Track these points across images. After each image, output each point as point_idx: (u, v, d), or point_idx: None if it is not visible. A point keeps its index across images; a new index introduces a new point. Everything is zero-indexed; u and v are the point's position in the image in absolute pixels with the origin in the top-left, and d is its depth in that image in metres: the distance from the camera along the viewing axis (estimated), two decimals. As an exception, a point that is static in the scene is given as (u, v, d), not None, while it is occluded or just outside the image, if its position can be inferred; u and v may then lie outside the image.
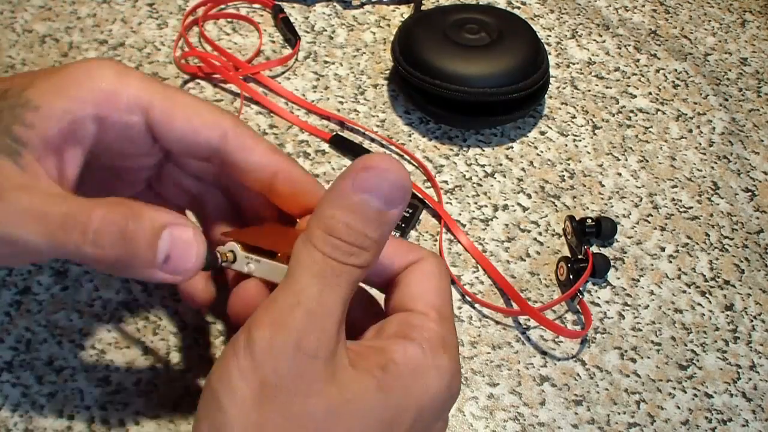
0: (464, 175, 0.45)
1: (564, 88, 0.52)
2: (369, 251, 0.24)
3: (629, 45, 0.56)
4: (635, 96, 0.52)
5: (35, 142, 0.25)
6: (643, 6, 0.59)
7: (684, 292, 0.42)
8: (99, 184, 0.30)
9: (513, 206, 0.44)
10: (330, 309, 0.24)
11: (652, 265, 0.43)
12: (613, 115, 0.51)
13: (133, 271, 0.24)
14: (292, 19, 0.52)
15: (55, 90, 0.26)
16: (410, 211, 0.42)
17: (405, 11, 0.55)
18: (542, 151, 0.48)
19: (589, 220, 0.42)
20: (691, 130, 0.51)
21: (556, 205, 0.45)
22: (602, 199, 0.46)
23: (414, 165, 0.46)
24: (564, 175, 0.46)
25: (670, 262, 0.43)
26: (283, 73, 0.50)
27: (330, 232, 0.24)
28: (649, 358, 0.39)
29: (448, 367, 0.26)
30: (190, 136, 0.28)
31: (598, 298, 0.41)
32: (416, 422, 0.25)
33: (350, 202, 0.23)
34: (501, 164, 0.46)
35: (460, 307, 0.39)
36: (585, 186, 0.46)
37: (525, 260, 0.42)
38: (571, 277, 0.40)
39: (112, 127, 0.27)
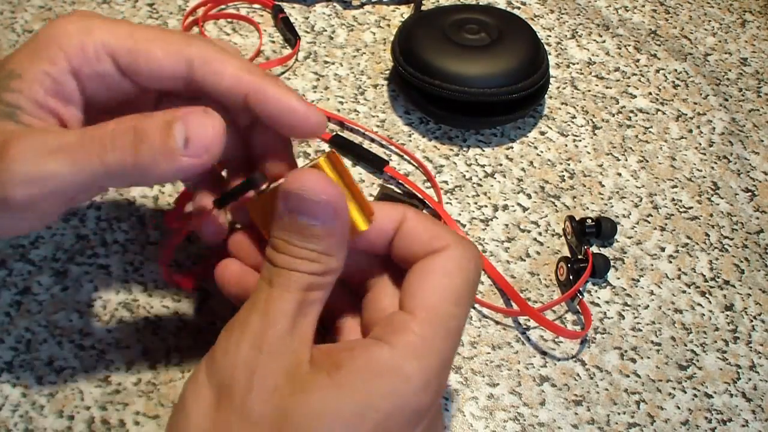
0: (464, 175, 0.45)
1: (564, 88, 0.52)
2: (318, 262, 0.25)
3: (629, 45, 0.56)
4: (635, 96, 0.52)
5: (28, 106, 0.26)
6: (643, 6, 0.59)
7: (684, 292, 0.42)
8: None
9: (513, 206, 0.44)
10: (282, 309, 0.25)
11: (652, 265, 0.43)
12: (613, 115, 0.51)
13: (161, 167, 0.25)
14: (292, 19, 0.52)
15: (30, 56, 0.27)
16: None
17: (405, 11, 0.55)
18: (542, 151, 0.48)
19: (589, 220, 0.42)
20: (691, 130, 0.51)
21: (556, 205, 0.45)
22: (602, 199, 0.46)
23: (414, 165, 0.46)
24: (564, 175, 0.46)
25: (670, 262, 0.43)
26: (283, 73, 0.50)
27: (275, 248, 0.26)
28: (649, 358, 0.39)
29: (416, 375, 0.24)
30: (156, 71, 0.27)
31: (598, 298, 0.41)
32: (380, 427, 0.24)
33: (283, 223, 0.25)
34: (501, 164, 0.46)
35: (460, 307, 0.39)
36: (585, 186, 0.46)
37: (525, 260, 0.42)
38: (571, 277, 0.40)
39: (90, 78, 0.27)
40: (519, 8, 0.57)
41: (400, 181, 0.44)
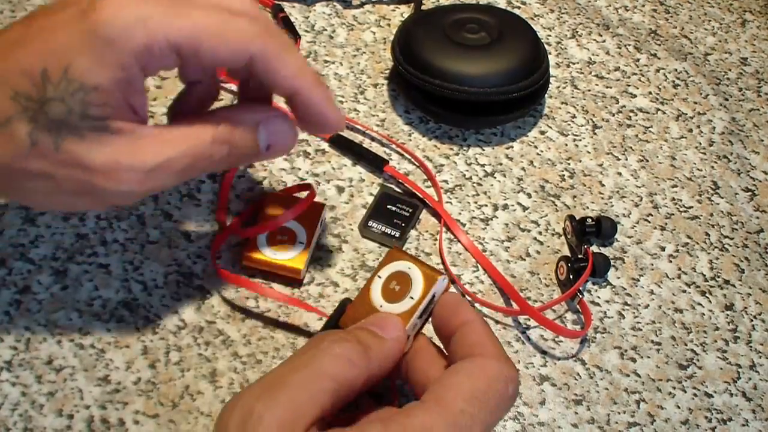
0: (464, 175, 0.45)
1: (564, 88, 0.52)
2: (356, 363, 0.28)
3: (629, 45, 0.56)
4: (635, 96, 0.52)
5: (112, 113, 0.28)
6: (643, 6, 0.59)
7: (684, 291, 0.42)
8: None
9: (513, 206, 0.44)
10: (301, 382, 0.27)
11: (652, 264, 0.43)
12: (613, 115, 0.51)
13: (247, 162, 0.34)
14: (292, 19, 0.52)
15: (98, 61, 0.27)
16: (410, 210, 0.42)
17: (405, 11, 0.55)
18: (542, 151, 0.48)
19: (589, 220, 0.42)
20: (691, 130, 0.51)
21: (556, 205, 0.45)
22: (602, 198, 0.46)
23: (414, 164, 0.46)
24: (564, 175, 0.46)
25: (670, 261, 0.43)
26: (283, 72, 0.50)
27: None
28: (649, 357, 0.39)
29: None
30: (217, 64, 0.30)
31: (598, 297, 0.41)
32: None
33: (356, 327, 0.31)
34: (501, 164, 0.46)
35: (460, 307, 0.39)
36: (585, 186, 0.46)
37: (525, 260, 0.42)
38: (571, 276, 0.40)
39: (153, 71, 0.30)
40: (519, 8, 0.57)
41: (400, 181, 0.44)
